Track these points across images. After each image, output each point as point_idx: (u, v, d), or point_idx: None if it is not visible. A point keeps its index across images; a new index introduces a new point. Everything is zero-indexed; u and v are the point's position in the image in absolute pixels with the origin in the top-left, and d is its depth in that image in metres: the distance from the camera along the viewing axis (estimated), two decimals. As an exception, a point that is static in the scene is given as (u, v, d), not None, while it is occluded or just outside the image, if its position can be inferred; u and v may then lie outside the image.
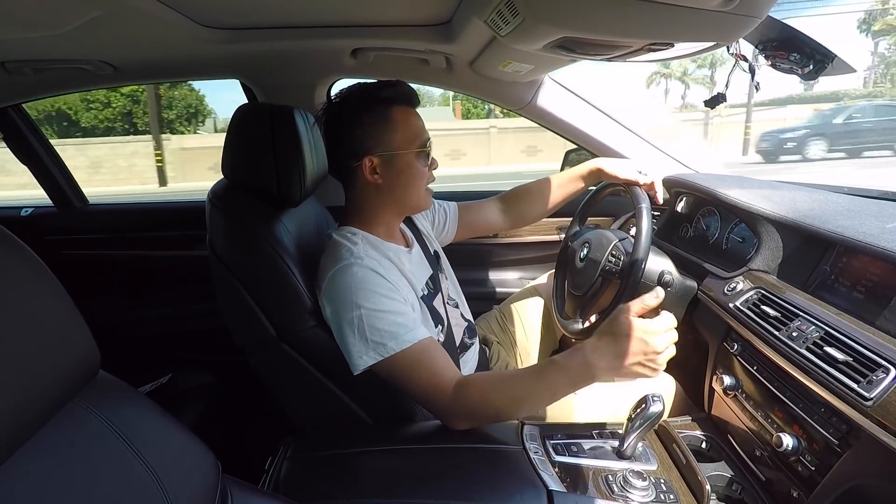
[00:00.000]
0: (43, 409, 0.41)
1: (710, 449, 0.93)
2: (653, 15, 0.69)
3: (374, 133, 0.90)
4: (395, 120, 0.90)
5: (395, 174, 0.91)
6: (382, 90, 0.91)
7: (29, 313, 0.40)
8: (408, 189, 0.93)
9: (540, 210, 1.28)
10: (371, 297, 0.82)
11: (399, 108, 0.91)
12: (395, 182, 0.92)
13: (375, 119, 0.90)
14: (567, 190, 1.25)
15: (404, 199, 0.95)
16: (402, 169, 0.91)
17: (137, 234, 1.72)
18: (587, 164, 1.21)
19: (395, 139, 0.90)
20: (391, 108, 0.90)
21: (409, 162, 0.91)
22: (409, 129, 0.91)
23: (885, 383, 0.59)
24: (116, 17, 0.88)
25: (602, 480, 0.77)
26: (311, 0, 1.00)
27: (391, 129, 0.90)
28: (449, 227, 1.23)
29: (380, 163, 0.90)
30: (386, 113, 0.90)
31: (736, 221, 1.11)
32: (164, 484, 0.46)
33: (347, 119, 0.90)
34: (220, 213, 0.94)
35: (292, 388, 0.95)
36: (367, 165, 0.90)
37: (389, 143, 0.90)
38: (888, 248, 0.72)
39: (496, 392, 0.80)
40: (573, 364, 0.75)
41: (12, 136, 1.62)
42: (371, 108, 0.90)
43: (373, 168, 0.90)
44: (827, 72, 1.03)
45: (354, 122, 0.90)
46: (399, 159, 0.91)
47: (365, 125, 0.90)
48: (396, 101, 0.91)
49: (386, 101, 0.90)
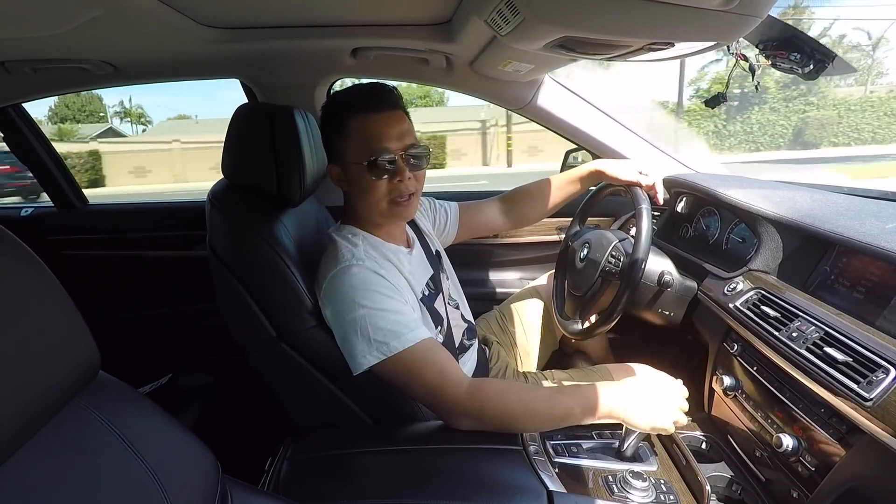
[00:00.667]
0: (43, 410, 0.41)
1: (710, 449, 0.93)
2: (653, 14, 0.69)
3: (331, 142, 0.92)
4: (348, 130, 0.88)
5: (352, 184, 0.91)
6: (337, 101, 0.91)
7: (29, 314, 0.40)
8: (364, 201, 0.90)
9: (540, 210, 1.28)
10: (373, 296, 0.82)
11: (358, 116, 0.87)
12: (353, 192, 0.92)
13: (332, 130, 0.91)
14: (567, 191, 1.25)
15: (365, 209, 0.92)
16: (355, 180, 0.90)
17: (137, 235, 1.72)
18: (587, 166, 1.21)
19: (347, 149, 0.89)
20: (348, 118, 0.88)
21: (359, 173, 0.88)
22: (362, 139, 0.87)
23: (885, 384, 0.59)
24: (117, 16, 0.88)
25: (602, 481, 0.77)
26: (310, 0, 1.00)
27: (344, 138, 0.89)
28: (449, 227, 1.23)
29: (340, 172, 0.92)
30: (341, 123, 0.89)
31: (736, 221, 1.11)
32: (164, 484, 0.46)
33: (323, 123, 0.94)
34: (220, 213, 0.94)
35: (292, 388, 0.95)
36: (333, 173, 0.93)
37: (343, 152, 0.90)
38: (888, 249, 0.72)
39: (514, 396, 0.81)
40: (596, 390, 0.80)
41: (12, 136, 1.62)
42: (328, 120, 0.92)
43: (338, 176, 0.93)
44: (827, 71, 1.03)
45: (325, 128, 0.93)
46: (351, 170, 0.89)
47: (326, 134, 0.93)
48: (353, 110, 0.88)
49: (343, 112, 0.89)
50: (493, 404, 0.81)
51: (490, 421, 0.82)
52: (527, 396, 0.82)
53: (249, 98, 1.49)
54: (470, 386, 0.81)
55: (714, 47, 0.86)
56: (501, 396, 0.81)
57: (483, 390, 0.81)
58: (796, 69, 1.04)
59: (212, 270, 0.93)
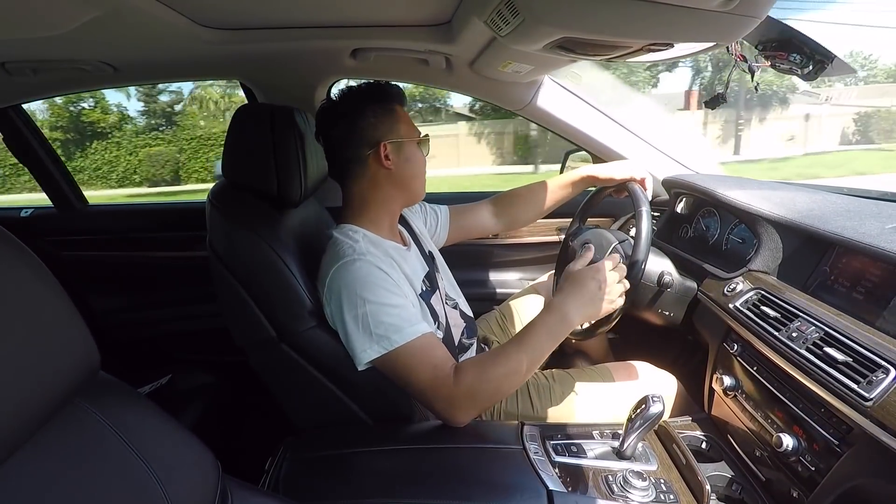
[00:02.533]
0: (43, 410, 0.41)
1: (710, 449, 0.93)
2: (653, 15, 0.69)
3: (386, 122, 0.96)
4: (398, 113, 0.98)
5: (404, 161, 0.97)
6: (385, 87, 0.98)
7: (29, 315, 0.40)
8: (414, 176, 0.99)
9: (531, 214, 1.30)
10: (374, 290, 0.83)
11: (397, 105, 0.99)
12: (403, 169, 0.97)
13: (385, 110, 0.96)
14: (558, 195, 1.27)
15: (411, 185, 1.00)
16: (409, 156, 0.98)
17: (137, 235, 1.72)
18: (578, 172, 1.24)
19: (401, 129, 0.97)
20: (394, 104, 0.98)
21: (414, 150, 0.98)
22: (409, 122, 0.99)
23: (885, 384, 0.59)
24: (116, 17, 0.88)
25: (602, 481, 0.77)
26: (310, 0, 1.00)
27: (397, 119, 0.97)
28: (440, 230, 1.25)
29: (392, 149, 0.95)
30: (390, 107, 0.97)
31: (735, 222, 1.11)
32: (164, 484, 0.46)
33: (359, 110, 0.95)
34: (220, 213, 0.94)
35: (292, 388, 0.95)
36: (382, 152, 0.95)
37: (398, 132, 0.97)
38: (888, 249, 0.72)
39: (491, 365, 0.83)
40: (546, 317, 0.87)
41: (12, 137, 1.61)
42: (380, 101, 0.97)
43: (384, 155, 0.95)
44: (827, 72, 1.03)
45: (367, 112, 0.95)
46: (407, 147, 0.97)
47: (378, 114, 0.96)
48: (396, 100, 0.99)
49: (390, 97, 0.98)
50: (479, 382, 0.82)
51: (483, 399, 0.84)
52: (502, 358, 0.84)
53: (249, 98, 1.49)
54: (454, 377, 0.82)
55: (714, 48, 0.86)
56: (482, 372, 0.83)
57: (465, 376, 0.82)
58: (796, 70, 1.04)
59: (212, 271, 0.94)
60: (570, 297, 0.87)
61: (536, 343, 0.85)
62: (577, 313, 0.86)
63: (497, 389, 0.84)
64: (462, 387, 0.81)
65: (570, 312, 0.86)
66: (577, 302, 0.86)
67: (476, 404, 0.83)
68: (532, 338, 0.85)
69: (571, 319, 0.86)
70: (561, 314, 0.86)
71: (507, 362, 0.83)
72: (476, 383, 0.82)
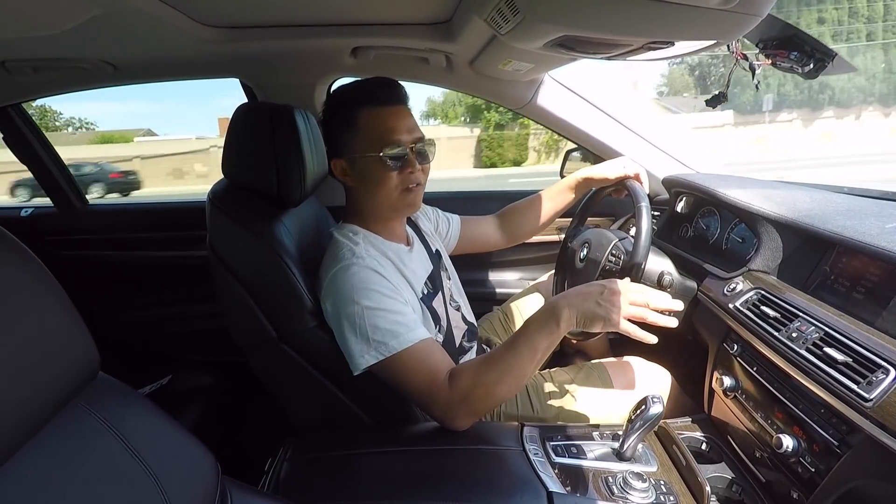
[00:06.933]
0: (43, 411, 0.41)
1: (710, 450, 0.93)
2: (653, 13, 0.69)
3: (338, 136, 0.92)
4: (357, 123, 0.89)
5: (360, 178, 0.92)
6: (347, 93, 0.93)
7: (28, 315, 0.40)
8: (374, 193, 0.91)
9: (534, 225, 1.30)
10: (372, 295, 0.82)
11: (366, 109, 0.89)
12: (361, 185, 0.92)
13: (339, 122, 0.91)
14: (557, 203, 1.27)
15: (374, 202, 0.93)
16: (366, 173, 0.90)
17: (137, 235, 1.72)
18: (574, 176, 1.23)
19: (356, 142, 0.89)
20: (356, 111, 0.89)
21: (370, 165, 0.89)
22: (372, 131, 0.88)
23: (885, 384, 0.59)
24: (116, 16, 0.88)
25: (602, 482, 0.77)
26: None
27: (353, 131, 0.89)
28: (451, 237, 1.25)
29: (346, 166, 0.92)
30: (350, 116, 0.89)
31: (736, 221, 1.11)
32: (164, 485, 0.46)
33: (325, 119, 0.95)
34: (220, 213, 0.94)
35: (292, 388, 0.95)
36: (337, 168, 0.93)
37: (351, 146, 0.90)
38: (888, 249, 0.72)
39: (486, 368, 0.81)
40: (538, 316, 0.82)
41: (12, 136, 1.62)
42: (333, 113, 0.92)
43: (342, 171, 0.93)
44: (827, 70, 1.03)
45: (329, 122, 0.93)
46: (361, 163, 0.90)
47: (330, 128, 0.93)
48: (363, 102, 0.89)
49: (349, 105, 0.90)
50: (474, 386, 0.79)
51: (479, 404, 0.81)
52: (496, 360, 0.81)
53: (249, 98, 1.48)
54: (449, 382, 0.80)
55: (714, 46, 0.86)
56: (477, 375, 0.80)
57: (460, 381, 0.80)
58: (796, 68, 1.04)
59: (212, 271, 0.93)
60: (567, 296, 0.83)
61: (528, 343, 0.81)
62: (570, 312, 0.80)
63: (493, 392, 0.81)
64: (457, 391, 0.79)
65: (563, 311, 0.80)
66: (573, 300, 0.82)
67: (473, 409, 0.81)
68: (524, 338, 0.81)
69: (562, 315, 0.80)
70: (552, 312, 0.81)
71: (500, 361, 0.80)
72: (471, 387, 0.79)
